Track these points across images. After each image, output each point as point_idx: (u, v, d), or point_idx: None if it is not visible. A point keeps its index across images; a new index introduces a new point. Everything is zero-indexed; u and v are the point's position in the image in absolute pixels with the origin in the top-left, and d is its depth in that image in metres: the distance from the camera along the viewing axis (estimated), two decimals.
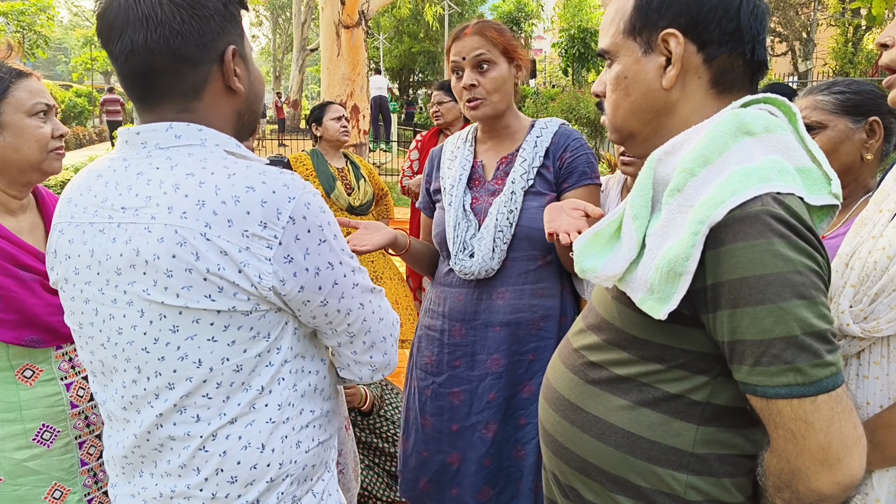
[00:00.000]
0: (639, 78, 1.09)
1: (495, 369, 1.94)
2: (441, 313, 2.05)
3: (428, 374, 2.06)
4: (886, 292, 1.15)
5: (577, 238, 1.18)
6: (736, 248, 0.91)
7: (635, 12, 1.08)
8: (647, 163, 1.07)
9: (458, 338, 1.99)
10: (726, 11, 1.05)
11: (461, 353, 1.99)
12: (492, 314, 1.95)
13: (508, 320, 1.94)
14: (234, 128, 1.19)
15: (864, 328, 1.18)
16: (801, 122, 1.07)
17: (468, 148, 2.08)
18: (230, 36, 1.14)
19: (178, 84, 1.12)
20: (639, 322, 1.05)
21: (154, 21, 1.07)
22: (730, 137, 0.99)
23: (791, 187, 0.95)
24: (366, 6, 9.42)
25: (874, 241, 1.21)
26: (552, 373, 1.24)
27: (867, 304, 1.18)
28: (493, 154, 2.05)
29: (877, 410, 1.18)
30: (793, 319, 0.89)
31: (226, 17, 1.13)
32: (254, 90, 1.21)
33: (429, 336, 2.08)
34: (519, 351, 1.93)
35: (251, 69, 1.20)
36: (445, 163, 2.11)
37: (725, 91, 1.09)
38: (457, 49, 1.93)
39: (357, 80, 9.44)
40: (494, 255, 1.92)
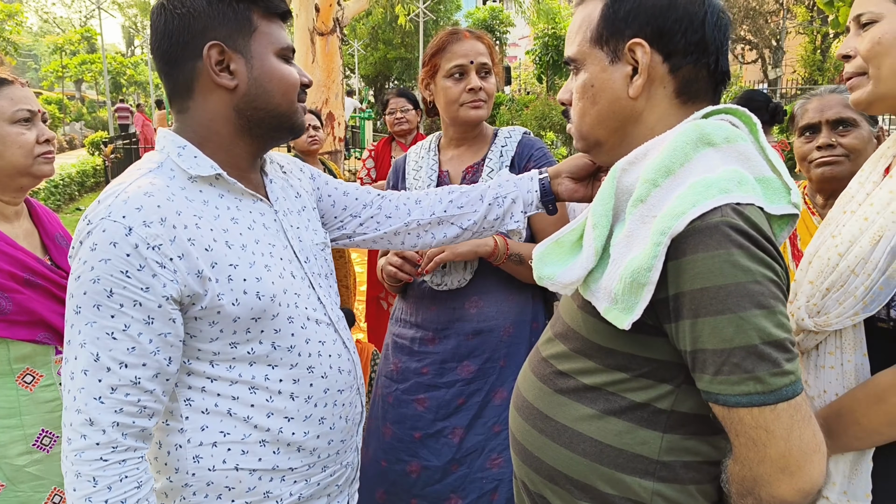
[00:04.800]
0: (606, 86, 1.10)
1: (465, 376, 1.93)
2: (413, 322, 2.03)
3: (392, 382, 2.04)
4: (836, 288, 1.22)
5: (538, 245, 1.19)
6: (697, 258, 0.92)
7: (602, 21, 1.10)
8: (610, 172, 1.08)
9: (429, 346, 1.98)
10: (691, 22, 1.06)
11: (430, 361, 1.97)
12: (464, 323, 1.94)
13: (481, 328, 1.93)
14: (237, 126, 1.26)
15: (817, 322, 1.25)
16: (761, 133, 1.09)
17: (433, 157, 2.07)
18: (216, 32, 1.20)
19: (172, 84, 1.24)
20: (604, 331, 1.06)
21: (152, 27, 1.23)
22: (691, 148, 1.00)
23: (751, 197, 0.96)
24: (340, 13, 9.40)
25: (833, 239, 1.28)
26: (522, 381, 1.25)
27: (819, 299, 1.25)
28: (459, 163, 2.04)
29: (833, 398, 1.25)
30: (752, 329, 0.90)
31: (210, 15, 1.19)
32: (259, 85, 1.24)
33: (397, 344, 2.06)
34: (490, 358, 1.93)
35: (256, 65, 1.23)
36: (410, 173, 2.09)
37: (690, 101, 1.10)
38: (462, 51, 1.92)
39: (332, 87, 9.41)
40: (467, 265, 1.92)
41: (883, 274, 1.17)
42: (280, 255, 1.30)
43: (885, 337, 1.22)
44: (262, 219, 1.30)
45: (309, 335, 1.30)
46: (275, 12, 1.27)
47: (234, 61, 1.22)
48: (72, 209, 11.39)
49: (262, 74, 1.24)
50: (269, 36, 1.25)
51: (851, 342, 1.24)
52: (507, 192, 1.58)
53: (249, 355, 1.23)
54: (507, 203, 1.58)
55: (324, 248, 1.45)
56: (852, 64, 1.29)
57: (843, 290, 1.22)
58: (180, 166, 1.22)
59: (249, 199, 1.30)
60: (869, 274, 1.18)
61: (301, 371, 1.28)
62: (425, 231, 1.60)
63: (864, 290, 1.19)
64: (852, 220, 1.27)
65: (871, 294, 1.18)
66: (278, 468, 1.27)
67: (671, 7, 1.06)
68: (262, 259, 1.25)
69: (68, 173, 12.20)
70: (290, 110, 1.29)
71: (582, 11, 1.14)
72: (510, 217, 1.59)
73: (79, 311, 1.11)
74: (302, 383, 1.28)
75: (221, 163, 1.26)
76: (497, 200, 1.58)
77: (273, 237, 1.31)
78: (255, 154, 1.33)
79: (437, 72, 1.96)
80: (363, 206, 1.59)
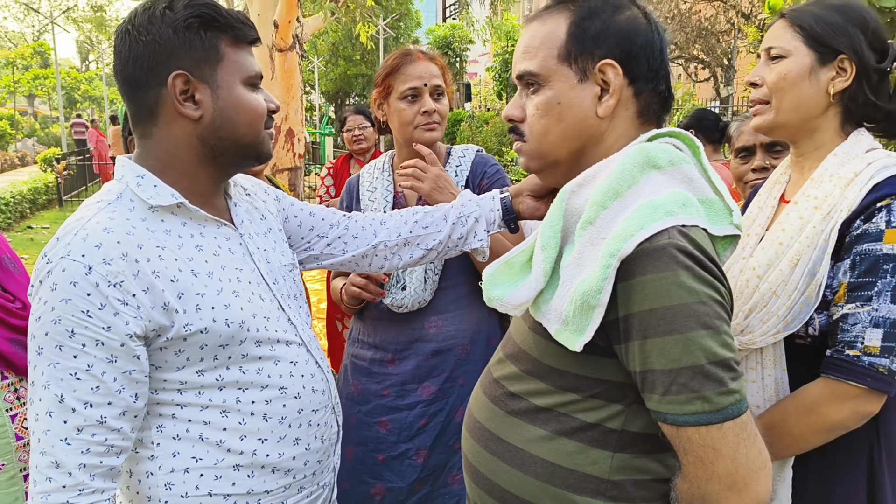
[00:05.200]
0: (574, 104, 1.10)
1: (426, 397, 1.92)
2: (372, 344, 2.01)
3: (353, 403, 2.02)
4: (758, 308, 1.31)
5: (488, 266, 1.20)
6: (645, 280, 0.93)
7: (571, 39, 1.10)
8: (559, 195, 1.09)
9: (388, 368, 1.97)
10: (653, 50, 1.10)
11: (390, 383, 1.96)
12: (424, 343, 1.94)
13: (440, 348, 1.93)
14: (201, 154, 1.25)
15: (742, 341, 1.33)
16: (703, 155, 1.12)
17: (387, 178, 2.06)
18: (182, 60, 1.19)
19: (135, 108, 1.23)
20: (555, 353, 1.07)
21: (116, 49, 1.22)
22: (638, 171, 1.02)
23: (695, 219, 0.98)
24: (300, 30, 9.39)
25: (744, 261, 1.38)
26: (474, 402, 1.24)
27: (742, 319, 1.33)
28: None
29: (756, 412, 1.32)
30: (698, 349, 0.92)
31: (176, 44, 1.18)
32: (224, 115, 1.23)
33: (356, 366, 2.05)
34: (450, 377, 1.92)
35: (223, 94, 1.23)
36: (365, 194, 2.07)
37: (646, 123, 1.13)
38: (416, 73, 1.92)
39: (292, 104, 9.37)
40: (427, 286, 1.91)
41: (802, 294, 1.26)
42: (247, 278, 1.29)
43: (802, 352, 1.31)
44: (227, 244, 1.29)
45: (280, 356, 1.29)
46: (244, 41, 1.26)
47: (199, 91, 1.21)
48: (23, 227, 11.10)
49: (228, 104, 1.23)
50: (236, 64, 1.24)
51: (772, 358, 1.32)
52: (470, 212, 1.60)
53: (218, 381, 1.22)
54: (471, 222, 1.60)
55: (292, 268, 1.44)
56: (759, 91, 1.39)
57: (765, 310, 1.30)
58: (140, 196, 1.21)
59: (213, 224, 1.29)
60: (790, 295, 1.27)
61: (273, 392, 1.27)
62: (392, 253, 1.61)
63: (786, 309, 1.27)
64: (766, 245, 1.36)
65: (793, 313, 1.27)
66: (253, 492, 1.25)
67: (636, 33, 1.09)
68: (229, 285, 1.24)
69: (20, 191, 11.88)
70: (256, 139, 1.28)
71: (541, 27, 1.13)
72: (474, 236, 1.61)
73: (41, 351, 1.10)
74: (275, 404, 1.27)
75: (184, 190, 1.24)
76: (460, 220, 1.60)
77: (239, 261, 1.30)
78: (218, 181, 1.32)
79: (390, 93, 1.96)
80: (330, 227, 1.59)
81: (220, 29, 1.22)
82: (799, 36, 1.34)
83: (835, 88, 1.32)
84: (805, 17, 1.35)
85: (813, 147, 1.38)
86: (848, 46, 1.31)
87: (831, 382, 1.24)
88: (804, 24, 1.34)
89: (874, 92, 1.33)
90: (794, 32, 1.35)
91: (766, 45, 1.40)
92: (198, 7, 1.20)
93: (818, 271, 1.26)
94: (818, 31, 1.32)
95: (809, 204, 1.32)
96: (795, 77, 1.33)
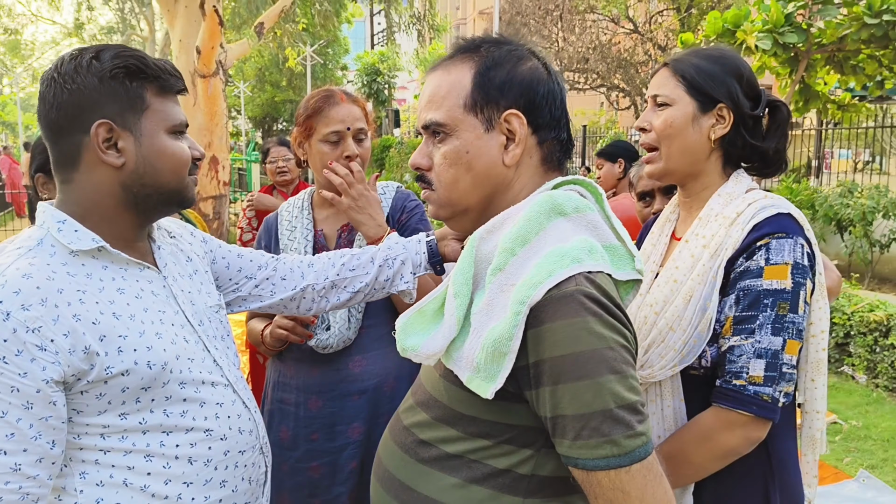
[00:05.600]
0: (481, 153, 1.11)
1: (356, 437, 1.89)
2: (295, 386, 1.96)
3: (284, 450, 1.95)
4: (656, 343, 1.38)
5: (401, 315, 1.20)
6: (555, 326, 0.95)
7: (477, 90, 1.11)
8: (469, 241, 1.11)
9: (314, 410, 1.92)
10: (554, 99, 1.13)
11: (318, 426, 1.92)
12: (350, 383, 1.91)
13: (367, 387, 1.90)
14: (123, 200, 1.26)
15: (642, 375, 1.39)
16: (605, 202, 1.17)
17: (307, 217, 2.03)
18: (106, 109, 1.21)
19: (57, 153, 1.24)
20: (466, 399, 1.07)
21: (41, 96, 1.23)
22: (545, 218, 1.05)
23: (600, 265, 1.01)
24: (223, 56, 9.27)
25: (642, 298, 1.45)
26: (383, 450, 1.23)
27: (642, 354, 1.39)
28: (335, 222, 2.02)
29: (655, 441, 1.37)
30: (607, 394, 0.94)
31: (101, 93, 1.20)
32: (147, 163, 1.25)
33: (283, 410, 1.98)
34: (377, 415, 1.90)
35: (146, 143, 1.25)
36: (284, 233, 2.03)
37: (549, 171, 1.16)
38: (338, 117, 1.90)
39: (216, 131, 9.22)
40: (351, 325, 1.89)
41: (695, 329, 1.34)
42: (171, 320, 1.29)
43: (697, 383, 1.38)
44: (150, 286, 1.29)
45: (205, 398, 1.28)
46: (170, 91, 1.28)
47: (122, 139, 1.22)
48: None
49: (151, 152, 1.25)
50: (161, 113, 1.26)
51: (670, 390, 1.39)
52: (397, 254, 1.63)
53: (141, 425, 1.21)
54: (397, 265, 1.62)
55: (218, 309, 1.44)
56: (648, 136, 1.47)
57: (663, 345, 1.37)
58: (61, 241, 1.20)
59: (136, 267, 1.29)
60: (684, 329, 1.35)
61: (198, 435, 1.26)
62: (320, 297, 1.62)
63: (682, 343, 1.35)
64: (661, 282, 1.43)
65: (687, 347, 1.35)
66: None
67: (538, 83, 1.12)
68: (151, 327, 1.24)
69: None
70: (179, 186, 1.29)
71: (446, 77, 1.14)
72: (400, 278, 1.63)
73: None
74: (200, 447, 1.26)
75: (105, 234, 1.24)
76: (387, 262, 1.62)
77: (163, 303, 1.30)
78: (141, 226, 1.32)
79: (311, 134, 1.93)
80: (258, 268, 1.60)
81: (146, 79, 1.24)
82: (681, 85, 1.43)
83: (715, 134, 1.42)
84: (686, 67, 1.44)
85: (699, 188, 1.47)
86: (725, 96, 1.41)
87: (722, 411, 1.31)
88: (685, 74, 1.43)
89: (751, 136, 1.43)
90: (677, 82, 1.43)
91: (652, 91, 1.49)
92: (125, 58, 1.22)
93: (708, 307, 1.34)
94: (698, 81, 1.41)
95: (699, 242, 1.40)
96: (680, 125, 1.42)
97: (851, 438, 4.26)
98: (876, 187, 7.79)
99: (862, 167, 13.24)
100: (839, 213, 7.63)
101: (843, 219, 7.64)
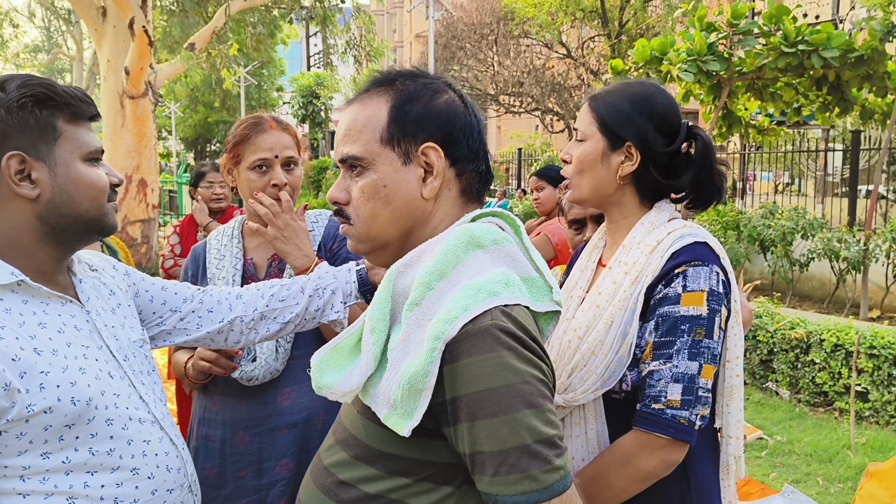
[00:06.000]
0: (399, 187, 1.10)
1: (285, 474, 1.84)
2: (220, 422, 1.89)
3: (211, 488, 1.88)
4: (579, 368, 1.41)
5: (316, 353, 1.17)
6: (471, 362, 0.94)
7: (393, 124, 1.10)
8: (386, 275, 1.10)
9: (241, 446, 1.86)
10: (472, 132, 1.13)
11: (246, 463, 1.85)
12: (278, 417, 1.85)
13: (296, 421, 1.85)
14: (41, 232, 1.23)
15: (566, 399, 1.42)
16: (524, 234, 1.17)
17: (237, 245, 1.98)
18: (17, 140, 1.19)
19: None
20: (384, 437, 1.05)
21: None
22: (462, 251, 1.04)
23: (517, 298, 1.01)
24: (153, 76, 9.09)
25: (567, 322, 1.49)
26: (304, 493, 1.20)
27: (566, 378, 1.43)
28: (265, 250, 1.98)
29: (581, 463, 1.41)
30: (524, 429, 0.93)
31: (9, 124, 1.18)
32: (64, 192, 1.22)
33: (208, 448, 1.91)
34: (307, 450, 1.85)
35: (61, 172, 1.22)
36: (213, 262, 1.98)
37: (468, 203, 1.16)
38: (267, 144, 1.87)
39: (144, 153, 9.02)
40: (278, 355, 1.84)
41: (616, 353, 1.37)
42: (95, 356, 1.25)
43: (618, 406, 1.41)
44: (72, 321, 1.26)
45: (131, 436, 1.24)
46: (82, 118, 1.26)
47: (35, 170, 1.20)
48: None
49: (67, 181, 1.22)
50: (75, 141, 1.24)
51: (593, 413, 1.42)
52: (327, 284, 1.61)
53: (65, 464, 1.16)
54: (328, 294, 1.61)
55: (142, 344, 1.40)
56: (568, 167, 1.53)
57: (585, 369, 1.40)
58: None
59: (57, 301, 1.25)
60: (606, 354, 1.38)
61: (125, 474, 1.22)
62: (249, 328, 1.58)
63: (604, 367, 1.38)
64: (585, 307, 1.47)
65: (609, 371, 1.38)
66: None
67: (455, 116, 1.12)
68: (75, 362, 1.20)
69: None
70: (98, 214, 1.27)
71: (362, 110, 1.13)
72: (331, 308, 1.61)
73: None
74: (126, 487, 1.21)
75: (24, 268, 1.21)
76: (317, 292, 1.60)
77: (86, 338, 1.26)
78: (61, 258, 1.29)
79: (239, 161, 1.90)
80: (183, 301, 1.55)
81: (57, 107, 1.22)
82: (595, 122, 1.48)
83: (623, 172, 1.46)
84: (600, 105, 1.48)
85: (621, 217, 1.51)
86: (634, 135, 1.45)
87: (641, 434, 1.34)
88: (599, 111, 1.48)
89: (662, 173, 1.47)
90: (592, 118, 1.48)
91: (576, 124, 1.54)
92: (32, 87, 1.20)
93: (629, 332, 1.37)
94: (608, 120, 1.46)
95: (621, 269, 1.44)
96: (591, 161, 1.47)
97: (777, 454, 4.40)
98: (795, 209, 8.15)
99: (782, 189, 13.87)
100: (762, 233, 7.94)
101: (765, 239, 7.96)
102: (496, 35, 24.37)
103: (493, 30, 24.45)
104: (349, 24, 14.24)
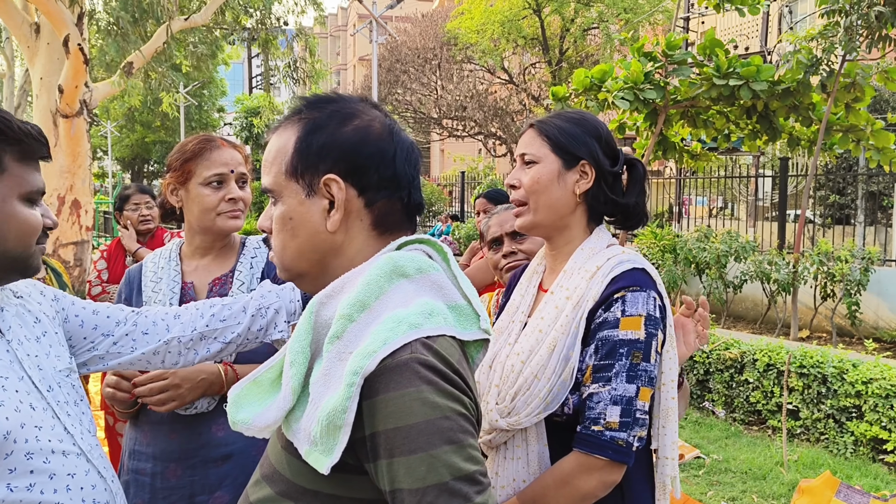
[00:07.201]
0: (304, 220, 1.08)
1: None
2: (150, 455, 1.83)
3: None
4: (522, 391, 1.43)
5: (234, 386, 1.14)
6: (389, 397, 0.92)
7: (296, 155, 1.08)
8: (308, 306, 1.07)
9: (172, 480, 1.80)
10: (383, 158, 1.08)
11: (178, 497, 1.79)
12: (212, 449, 1.80)
13: (231, 451, 1.80)
14: None
15: (509, 422, 1.44)
16: (453, 261, 1.16)
17: (174, 268, 1.94)
18: None
19: None
20: (307, 473, 1.01)
21: None
22: (385, 281, 1.02)
23: (441, 328, 0.99)
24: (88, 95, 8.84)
25: (510, 346, 1.52)
26: None
27: (509, 402, 1.45)
28: (205, 274, 1.95)
29: (522, 484, 1.44)
30: (443, 466, 0.91)
31: None
32: None
33: (138, 481, 1.84)
34: (243, 483, 1.77)
35: None
36: (148, 285, 1.93)
37: (387, 232, 1.11)
38: (222, 160, 1.88)
39: (78, 173, 8.73)
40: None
41: (559, 377, 1.40)
42: (14, 387, 1.21)
43: (560, 429, 1.44)
44: None
45: (54, 470, 1.19)
46: (31, 157, 1.24)
47: None
48: None
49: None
50: (17, 179, 1.23)
51: (535, 435, 1.45)
52: (270, 303, 1.59)
53: None
54: (271, 314, 1.58)
55: (69, 373, 1.35)
56: (517, 193, 1.56)
57: (528, 392, 1.42)
58: None
59: None
60: (549, 378, 1.41)
61: None
62: (187, 349, 1.53)
63: (547, 391, 1.41)
64: (528, 332, 1.50)
65: (552, 395, 1.41)
66: None
67: (363, 143, 1.08)
68: None
69: None
70: (24, 254, 1.25)
71: (276, 141, 1.12)
72: (274, 327, 1.59)
73: None
74: None
75: None
76: (260, 311, 1.57)
77: (6, 369, 1.22)
78: None
79: (190, 178, 1.88)
80: (116, 324, 1.50)
81: (7, 142, 1.20)
82: (547, 144, 1.52)
83: (580, 189, 1.51)
84: (550, 128, 1.53)
85: (564, 242, 1.55)
86: (587, 153, 1.51)
87: (581, 455, 1.37)
88: (550, 134, 1.53)
89: (611, 191, 1.54)
90: (543, 141, 1.53)
91: (520, 150, 1.57)
92: None
93: (571, 356, 1.40)
94: (562, 140, 1.51)
95: (563, 294, 1.47)
96: (547, 181, 1.51)
97: (713, 472, 4.50)
98: (728, 232, 8.43)
99: (716, 213, 14.33)
100: (697, 256, 8.17)
101: (700, 262, 8.19)
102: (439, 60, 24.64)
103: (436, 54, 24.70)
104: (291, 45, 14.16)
